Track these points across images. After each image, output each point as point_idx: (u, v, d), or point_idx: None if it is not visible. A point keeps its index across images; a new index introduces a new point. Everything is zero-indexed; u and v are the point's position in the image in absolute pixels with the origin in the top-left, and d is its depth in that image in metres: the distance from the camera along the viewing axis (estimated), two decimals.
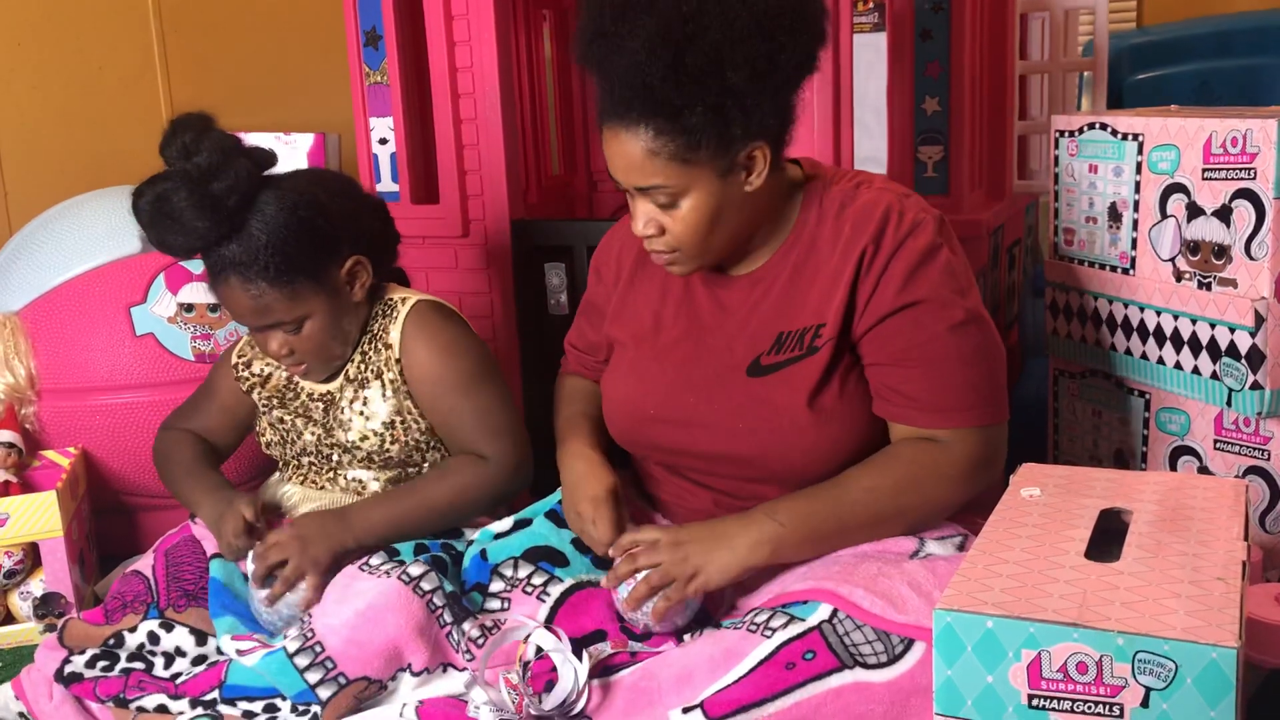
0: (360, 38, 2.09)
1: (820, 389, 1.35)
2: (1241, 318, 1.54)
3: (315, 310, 1.49)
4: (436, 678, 1.36)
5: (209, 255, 1.46)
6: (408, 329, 1.55)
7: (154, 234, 1.43)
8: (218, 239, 1.43)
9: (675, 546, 1.32)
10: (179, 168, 1.41)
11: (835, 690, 1.18)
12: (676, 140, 1.28)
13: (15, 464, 1.89)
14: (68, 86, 2.64)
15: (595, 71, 1.32)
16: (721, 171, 1.31)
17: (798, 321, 1.38)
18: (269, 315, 1.48)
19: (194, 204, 1.39)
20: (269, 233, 1.44)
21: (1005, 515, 1.20)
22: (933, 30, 2.11)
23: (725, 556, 1.31)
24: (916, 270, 1.33)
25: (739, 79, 1.26)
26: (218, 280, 1.47)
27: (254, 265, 1.44)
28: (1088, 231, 1.78)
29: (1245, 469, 1.62)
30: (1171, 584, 1.03)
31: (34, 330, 1.99)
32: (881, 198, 1.38)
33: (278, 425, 1.61)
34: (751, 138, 1.31)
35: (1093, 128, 1.74)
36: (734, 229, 1.37)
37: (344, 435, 1.55)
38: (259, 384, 1.63)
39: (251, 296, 1.45)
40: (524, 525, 1.48)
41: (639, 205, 1.35)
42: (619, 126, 1.30)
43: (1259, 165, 1.50)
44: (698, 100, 1.26)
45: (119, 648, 1.42)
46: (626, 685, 1.27)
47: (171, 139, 1.43)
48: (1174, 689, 0.94)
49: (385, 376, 1.55)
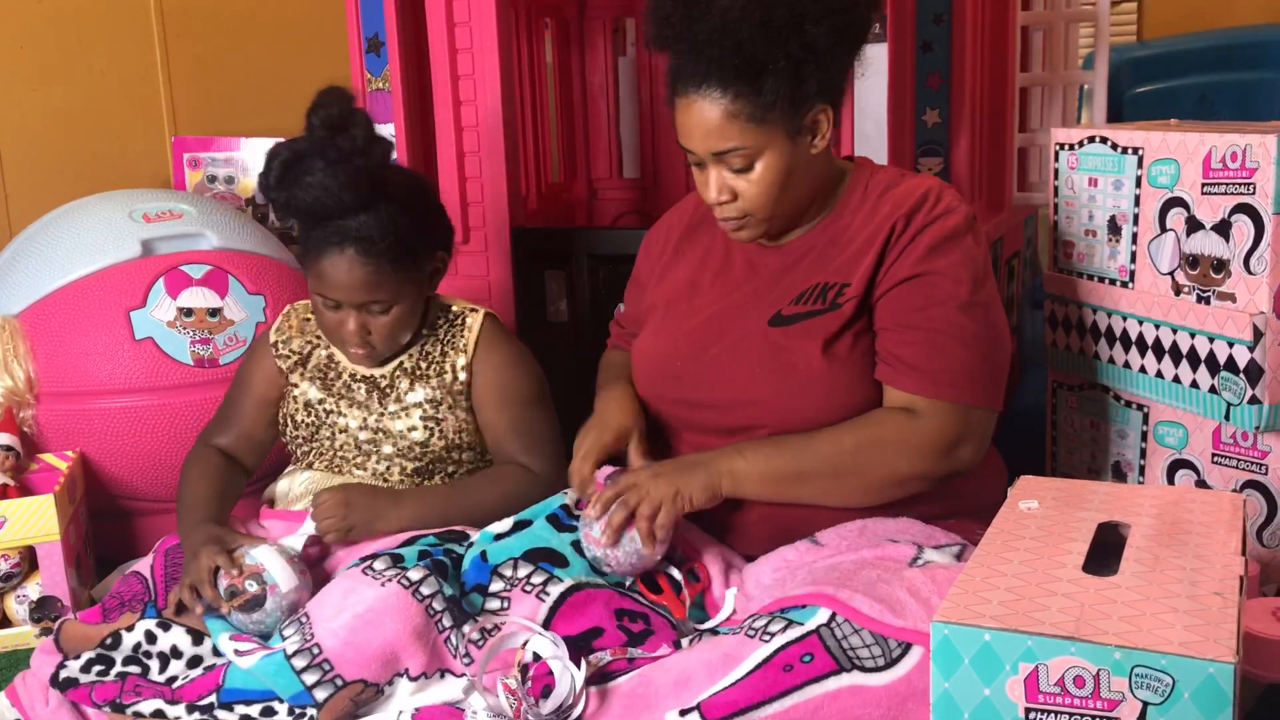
0: (362, 44, 2.10)
1: (834, 341, 1.43)
2: (1240, 332, 1.54)
3: (407, 296, 1.57)
4: (434, 684, 1.35)
5: (329, 225, 1.50)
6: (485, 339, 1.64)
7: (283, 195, 1.49)
8: (353, 211, 1.49)
9: (654, 476, 1.40)
10: (325, 136, 1.48)
11: (832, 693, 1.18)
12: (754, 101, 1.37)
13: (13, 467, 1.88)
14: (69, 89, 2.64)
15: (678, 41, 1.40)
16: (792, 133, 1.41)
17: (820, 279, 1.46)
18: (374, 292, 1.53)
19: (341, 175, 1.46)
20: (399, 215, 1.52)
21: (1003, 528, 1.20)
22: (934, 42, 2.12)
23: (699, 479, 1.40)
24: (939, 246, 1.41)
25: (819, 33, 1.36)
26: (330, 250, 1.51)
27: (381, 243, 1.50)
28: (1087, 244, 1.78)
29: (1243, 483, 1.62)
30: (1169, 598, 1.03)
31: (33, 333, 1.99)
32: (925, 182, 1.48)
33: (316, 406, 1.63)
34: (820, 99, 1.41)
35: (1093, 141, 1.75)
36: (800, 193, 1.46)
37: (391, 423, 1.60)
38: (300, 362, 1.66)
39: (367, 272, 1.51)
40: (524, 526, 1.49)
41: (711, 174, 1.44)
42: (697, 94, 1.39)
43: (1258, 180, 1.50)
44: (781, 55, 1.36)
45: (115, 649, 1.42)
46: (624, 691, 1.27)
47: (319, 108, 1.49)
48: (1171, 703, 0.94)
49: (446, 377, 1.62)
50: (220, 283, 2.03)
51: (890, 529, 1.41)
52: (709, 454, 1.44)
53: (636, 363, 1.61)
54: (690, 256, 1.60)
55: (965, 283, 1.41)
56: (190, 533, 1.53)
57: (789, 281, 1.49)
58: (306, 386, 1.65)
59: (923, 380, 1.40)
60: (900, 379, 1.41)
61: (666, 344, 1.56)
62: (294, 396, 1.66)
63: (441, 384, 1.62)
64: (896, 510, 1.43)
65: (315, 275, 1.54)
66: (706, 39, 1.37)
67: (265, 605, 1.42)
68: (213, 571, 1.44)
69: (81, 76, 2.66)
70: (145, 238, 2.05)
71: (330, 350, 1.66)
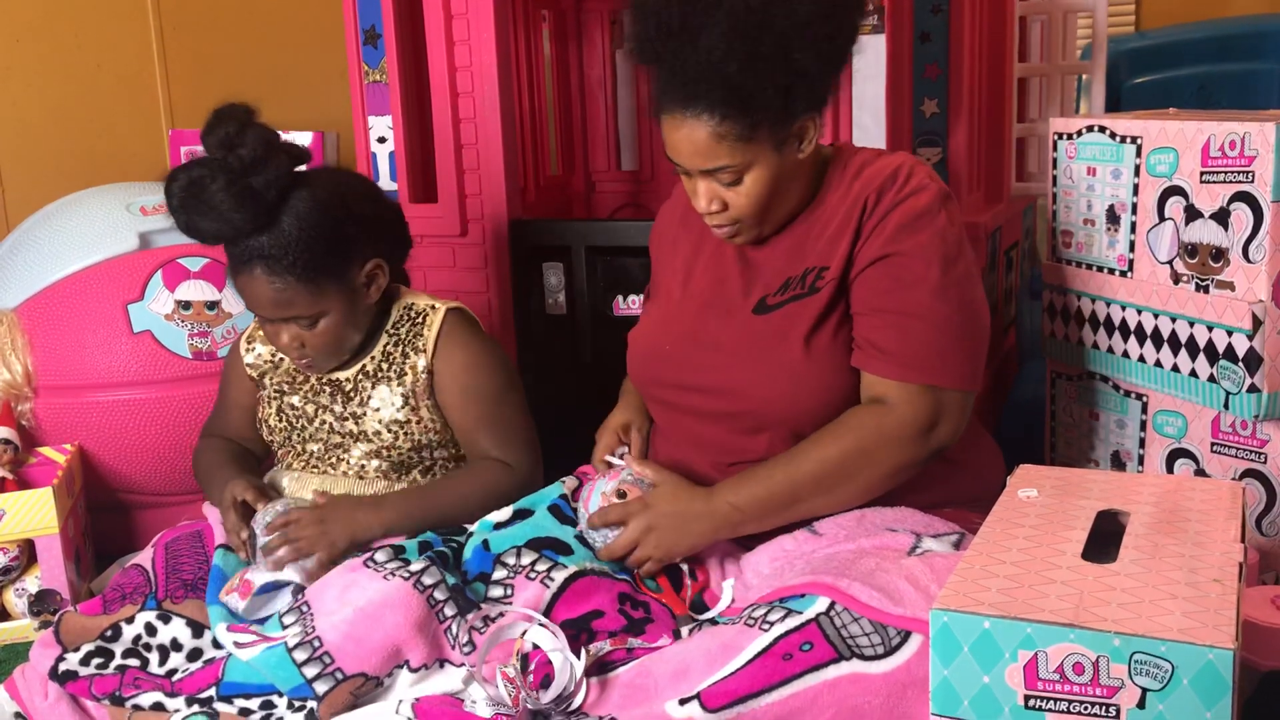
0: (359, 36, 2.09)
1: (817, 326, 1.43)
2: (1239, 320, 1.54)
3: (333, 308, 1.53)
4: (434, 674, 1.35)
5: (236, 245, 1.49)
6: (445, 337, 1.60)
7: (184, 218, 1.46)
8: (251, 231, 1.46)
9: (649, 531, 1.42)
10: (219, 157, 1.45)
11: (832, 681, 1.19)
12: (741, 122, 1.37)
13: (11, 460, 1.88)
14: (66, 84, 2.64)
15: (660, 64, 1.39)
16: (778, 144, 1.40)
17: (803, 265, 1.46)
18: (289, 309, 1.51)
19: (233, 195, 1.43)
20: (301, 229, 1.48)
21: (1002, 516, 1.20)
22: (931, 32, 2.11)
23: (693, 538, 1.43)
24: (909, 226, 1.41)
25: (806, 60, 1.36)
26: (241, 270, 1.50)
27: (283, 259, 1.47)
28: (1086, 234, 1.78)
29: (1242, 472, 1.62)
30: (1168, 585, 1.03)
31: (31, 327, 1.98)
32: (897, 159, 1.48)
33: (288, 411, 1.63)
34: (807, 111, 1.41)
35: (1091, 130, 1.75)
36: (789, 197, 1.46)
37: (356, 426, 1.60)
38: (271, 368, 1.66)
39: (275, 289, 1.49)
40: (523, 515, 1.49)
41: (700, 185, 1.44)
42: (684, 115, 1.38)
43: (1257, 168, 1.50)
44: (768, 84, 1.35)
45: (115, 640, 1.42)
46: (623, 681, 1.27)
47: (214, 128, 1.46)
48: (1170, 690, 0.94)
49: (407, 378, 1.59)
50: (218, 276, 2.03)
51: (888, 518, 1.41)
52: (702, 502, 1.43)
53: (629, 349, 1.62)
54: (686, 242, 1.61)
55: (935, 264, 1.40)
56: (222, 490, 1.56)
57: (775, 268, 1.49)
58: (275, 390, 1.65)
59: (893, 364, 1.39)
60: (872, 363, 1.41)
61: (655, 329, 1.58)
62: (268, 400, 1.65)
63: (403, 385, 1.59)
64: (894, 499, 1.43)
65: (240, 292, 1.53)
66: (695, 71, 1.35)
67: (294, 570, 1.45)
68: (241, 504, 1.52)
69: (78, 70, 2.65)
70: (143, 230, 2.05)
71: None
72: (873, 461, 1.39)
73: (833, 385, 1.43)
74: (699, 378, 1.49)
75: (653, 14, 1.38)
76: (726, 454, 1.49)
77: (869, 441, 1.39)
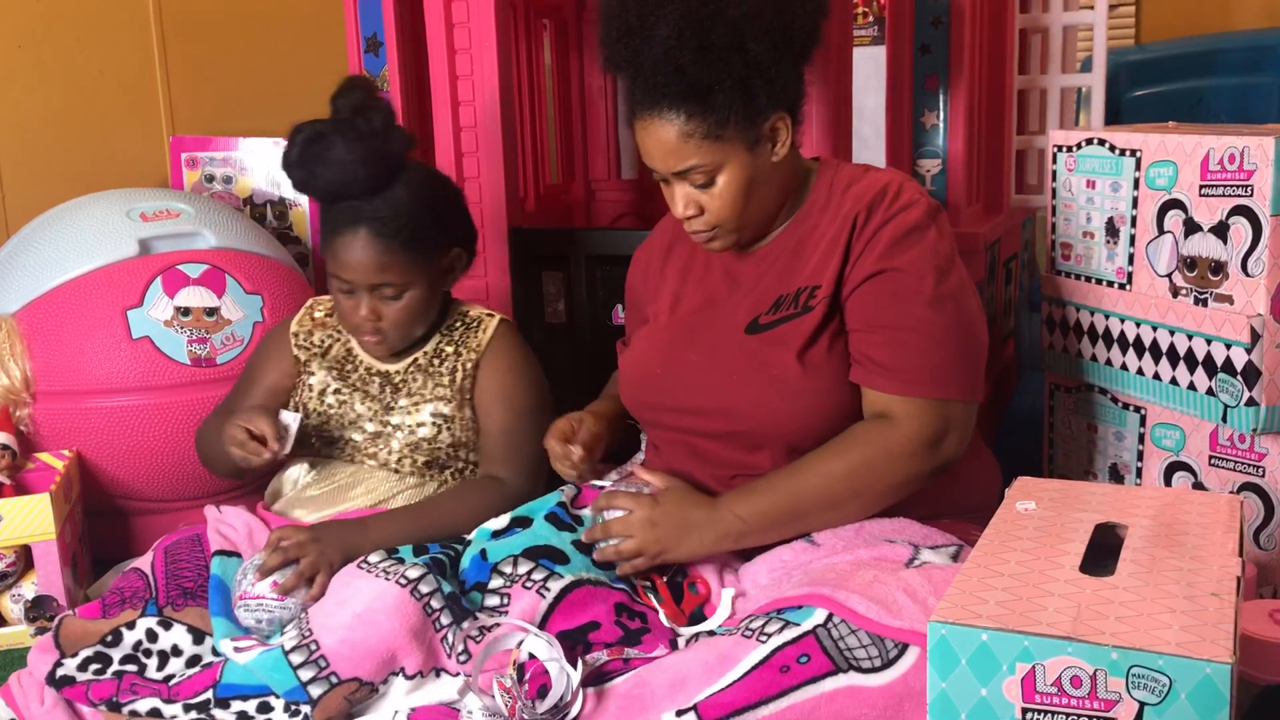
0: (361, 44, 2.10)
1: (810, 345, 1.44)
2: (1237, 334, 1.54)
3: (419, 284, 1.59)
4: (429, 682, 1.35)
5: (344, 206, 1.54)
6: (496, 343, 1.66)
7: (302, 171, 1.54)
8: (367, 190, 1.53)
9: (650, 526, 1.41)
10: (347, 118, 1.53)
11: (829, 694, 1.18)
12: (707, 119, 1.39)
13: (9, 466, 1.88)
14: (67, 90, 2.64)
15: (625, 68, 1.43)
16: (750, 144, 1.42)
17: (795, 284, 1.47)
18: (383, 274, 1.56)
19: (357, 152, 1.51)
20: (412, 199, 1.56)
21: (1000, 529, 1.20)
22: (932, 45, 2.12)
23: (693, 544, 1.42)
24: (900, 241, 1.42)
25: (760, 50, 1.38)
26: (344, 231, 1.55)
27: (392, 224, 1.54)
28: (1085, 246, 1.78)
29: (1240, 485, 1.62)
30: (1166, 599, 1.03)
31: (30, 332, 1.98)
32: (886, 175, 1.49)
33: (330, 396, 1.65)
34: (774, 108, 1.42)
35: (1091, 143, 1.75)
36: (766, 200, 1.47)
37: (402, 418, 1.62)
38: (319, 354, 1.68)
39: (377, 252, 1.54)
40: (520, 523, 1.49)
41: (676, 190, 1.45)
42: (652, 116, 1.41)
43: (1256, 182, 1.50)
44: (725, 76, 1.37)
45: (115, 646, 1.41)
46: (620, 692, 1.27)
47: (347, 93, 1.54)
48: (1168, 704, 0.94)
49: (457, 375, 1.64)
50: (218, 282, 2.03)
51: (887, 529, 1.41)
52: (706, 512, 1.43)
53: (620, 375, 1.63)
54: (674, 270, 1.61)
55: (929, 277, 1.41)
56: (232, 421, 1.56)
57: (765, 287, 1.49)
58: (323, 375, 1.67)
59: (895, 380, 1.39)
60: (874, 379, 1.41)
61: (646, 353, 1.58)
62: (309, 385, 1.67)
63: (453, 383, 1.64)
64: (893, 511, 1.43)
65: (330, 256, 1.57)
66: (651, 67, 1.38)
67: None
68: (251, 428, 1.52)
69: (80, 76, 2.66)
70: (143, 237, 2.05)
71: (350, 344, 1.68)
72: (879, 476, 1.39)
73: (829, 401, 1.43)
74: (694, 400, 1.49)
75: (615, 16, 1.42)
76: (727, 468, 1.49)
77: (875, 456, 1.39)
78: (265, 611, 1.43)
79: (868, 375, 1.41)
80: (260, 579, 1.44)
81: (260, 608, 1.43)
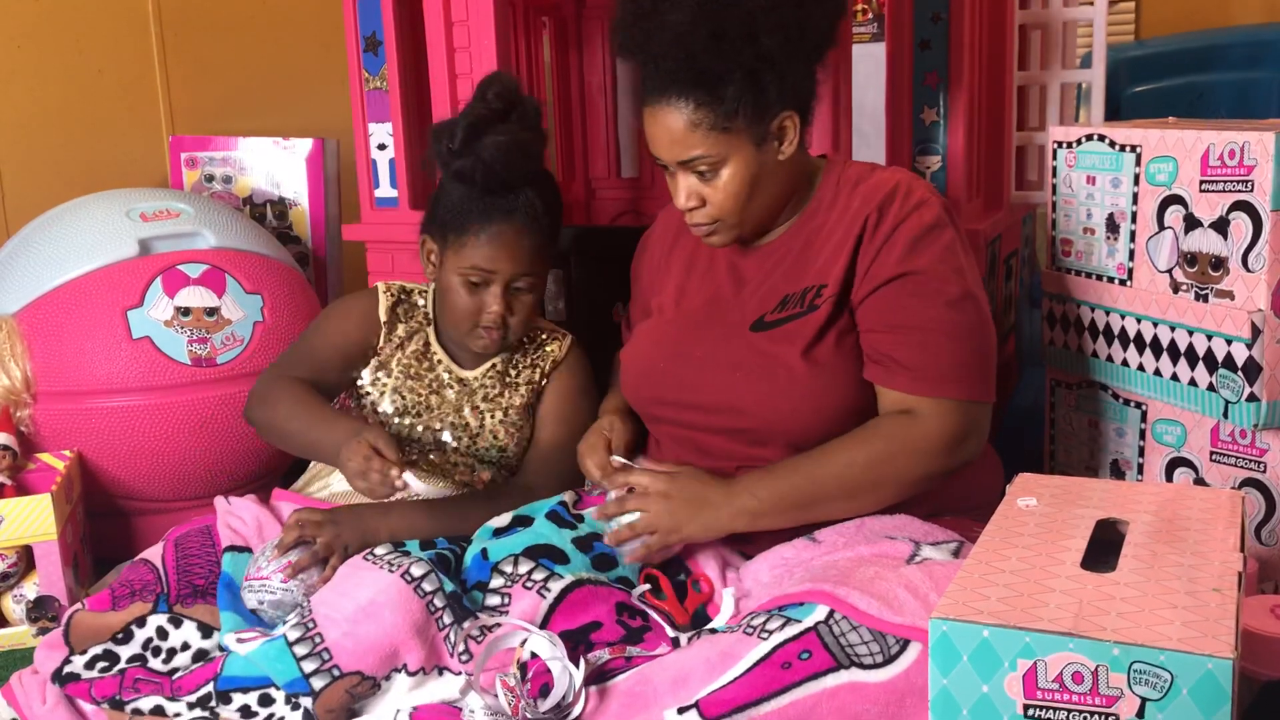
0: (360, 43, 2.09)
1: (815, 343, 1.43)
2: (1238, 330, 1.54)
3: (544, 279, 1.66)
4: (431, 680, 1.35)
5: (496, 198, 1.56)
6: (570, 361, 1.72)
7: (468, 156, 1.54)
8: (528, 175, 1.58)
9: (664, 499, 1.41)
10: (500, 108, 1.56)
11: (831, 690, 1.18)
12: (716, 110, 1.39)
13: (10, 467, 1.88)
14: (67, 89, 2.64)
15: (638, 53, 1.43)
16: (757, 140, 1.42)
17: (802, 283, 1.47)
18: (532, 264, 1.59)
19: (523, 137, 1.56)
20: (554, 194, 1.62)
21: (1001, 525, 1.20)
22: (931, 41, 2.12)
23: (708, 519, 1.41)
24: (919, 242, 1.41)
25: (773, 44, 1.37)
26: (498, 219, 1.56)
27: (545, 216, 1.59)
28: (1085, 242, 1.78)
29: (1241, 481, 1.62)
30: (1167, 595, 1.03)
31: (30, 332, 1.98)
32: (894, 175, 1.48)
33: (406, 394, 1.65)
34: (784, 106, 1.42)
35: (1091, 139, 1.75)
36: (769, 198, 1.47)
37: (475, 421, 1.65)
38: (399, 346, 1.68)
39: (533, 241, 1.58)
40: (523, 522, 1.49)
41: (680, 180, 1.45)
42: (661, 103, 1.41)
43: (1256, 178, 1.50)
44: (736, 66, 1.37)
45: (125, 644, 1.41)
46: (622, 690, 1.27)
47: (493, 84, 1.58)
48: (1170, 699, 0.94)
49: (530, 387, 1.69)
50: (218, 282, 2.03)
51: (888, 526, 1.41)
52: (722, 490, 1.42)
53: (623, 368, 1.63)
54: (678, 263, 1.62)
55: (950, 278, 1.41)
56: (334, 425, 1.54)
57: (771, 285, 1.50)
58: (397, 371, 1.66)
59: (919, 380, 1.40)
60: (895, 379, 1.41)
61: (649, 347, 1.58)
62: (379, 379, 1.66)
63: (527, 391, 1.68)
64: (894, 508, 1.43)
65: (475, 246, 1.56)
66: (662, 52, 1.39)
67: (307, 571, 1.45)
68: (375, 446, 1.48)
69: (79, 76, 2.65)
70: (143, 237, 2.05)
71: (429, 340, 1.69)
72: (898, 470, 1.40)
73: (834, 399, 1.43)
74: (698, 395, 1.49)
75: (630, 1, 1.42)
76: (731, 462, 1.49)
77: (897, 450, 1.39)
78: (269, 593, 1.43)
79: (889, 375, 1.41)
80: (276, 557, 1.45)
81: (264, 589, 1.43)
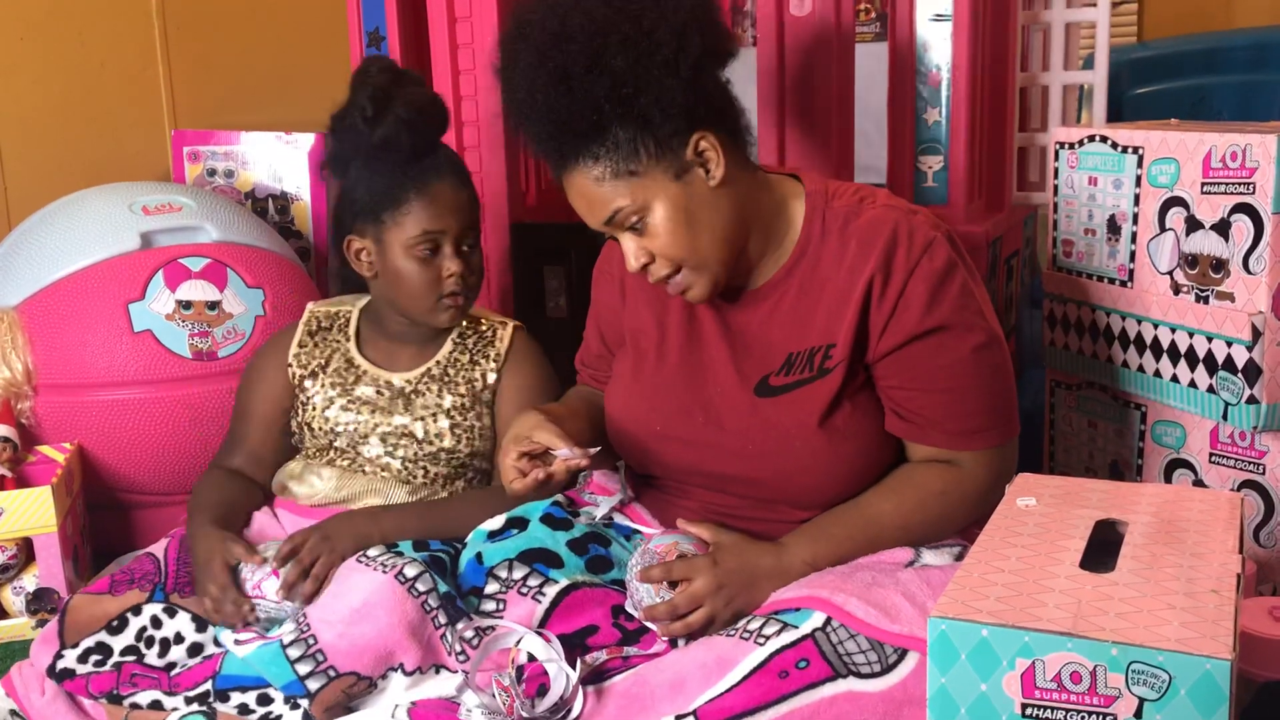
0: (363, 38, 2.09)
1: (832, 410, 1.36)
2: (1239, 332, 1.54)
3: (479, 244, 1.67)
4: (428, 679, 1.36)
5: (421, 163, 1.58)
6: (515, 353, 1.68)
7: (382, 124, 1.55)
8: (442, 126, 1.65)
9: (717, 591, 1.31)
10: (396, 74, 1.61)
11: (829, 699, 1.18)
12: (613, 156, 1.30)
13: (10, 459, 1.88)
14: (69, 82, 2.64)
15: (528, 138, 1.35)
16: (675, 173, 1.32)
17: (806, 341, 1.38)
18: (473, 214, 1.64)
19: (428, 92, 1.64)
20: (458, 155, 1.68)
21: (1001, 525, 1.20)
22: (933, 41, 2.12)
23: (763, 594, 1.33)
24: (937, 293, 1.33)
25: (623, 65, 1.26)
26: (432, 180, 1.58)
27: (465, 169, 1.65)
28: (1086, 243, 1.78)
29: (1240, 483, 1.63)
30: (1166, 595, 1.03)
31: (31, 325, 1.98)
32: (887, 215, 1.36)
33: (334, 415, 1.64)
34: (686, 127, 1.30)
35: (1093, 140, 1.75)
36: (719, 232, 1.34)
37: (414, 427, 1.62)
38: (321, 367, 1.68)
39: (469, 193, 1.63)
40: (517, 523, 1.48)
41: (624, 243, 1.36)
42: (566, 173, 1.34)
43: (1258, 180, 1.50)
44: (597, 100, 1.27)
45: (119, 633, 1.41)
46: (619, 691, 1.27)
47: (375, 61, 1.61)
48: (1168, 700, 0.94)
49: (475, 384, 1.65)
50: (219, 276, 2.03)
51: None
52: (772, 558, 1.34)
53: (613, 428, 1.51)
54: (642, 296, 1.50)
55: (973, 324, 1.35)
56: (197, 537, 1.52)
57: (769, 341, 1.40)
58: (325, 392, 1.65)
59: (960, 438, 1.36)
60: (930, 437, 1.37)
61: (640, 405, 1.47)
62: (312, 405, 1.66)
63: (470, 391, 1.64)
64: None
65: (418, 212, 1.56)
66: (538, 123, 1.31)
67: None
68: (229, 571, 1.46)
69: (82, 69, 2.65)
70: (144, 230, 2.05)
71: (351, 355, 1.68)
72: (952, 523, 1.39)
73: (856, 465, 1.39)
74: (705, 464, 1.43)
75: (500, 78, 1.35)
76: (741, 519, 1.43)
77: (953, 506, 1.38)
78: (262, 612, 1.44)
79: (923, 433, 1.37)
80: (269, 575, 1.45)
81: (259, 608, 1.44)
